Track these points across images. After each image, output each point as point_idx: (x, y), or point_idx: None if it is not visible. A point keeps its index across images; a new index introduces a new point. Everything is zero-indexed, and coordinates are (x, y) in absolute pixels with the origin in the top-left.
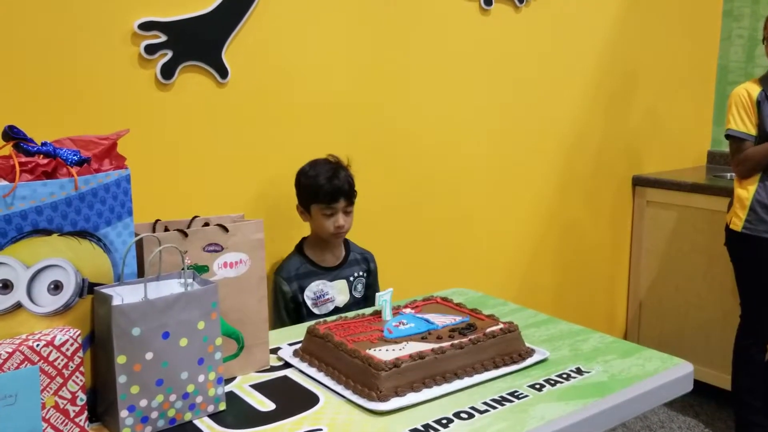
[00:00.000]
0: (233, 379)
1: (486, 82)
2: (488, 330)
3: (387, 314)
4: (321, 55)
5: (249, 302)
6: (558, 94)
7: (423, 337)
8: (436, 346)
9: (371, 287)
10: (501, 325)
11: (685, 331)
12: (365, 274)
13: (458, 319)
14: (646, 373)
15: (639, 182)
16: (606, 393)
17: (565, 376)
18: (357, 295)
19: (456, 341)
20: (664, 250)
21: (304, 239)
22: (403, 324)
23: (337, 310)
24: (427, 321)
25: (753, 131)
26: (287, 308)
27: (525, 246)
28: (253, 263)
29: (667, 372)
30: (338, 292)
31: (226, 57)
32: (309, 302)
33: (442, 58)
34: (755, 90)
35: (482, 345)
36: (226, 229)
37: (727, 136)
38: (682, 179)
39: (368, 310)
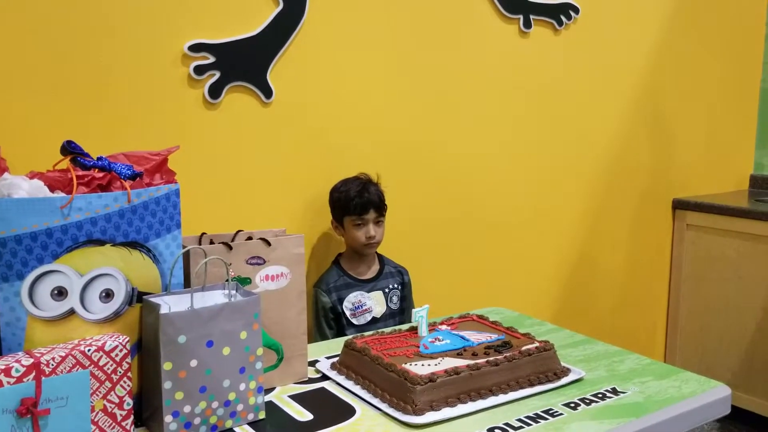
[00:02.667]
0: (272, 389)
1: (525, 104)
2: (524, 348)
3: (423, 330)
4: (361, 77)
5: (289, 315)
6: (598, 116)
7: (458, 354)
8: (471, 362)
9: (406, 299)
10: (537, 344)
11: (726, 357)
12: (400, 287)
13: (494, 336)
14: (682, 395)
15: (679, 205)
16: (641, 414)
17: (600, 395)
18: (393, 306)
19: (491, 358)
20: (705, 274)
21: (340, 254)
22: (439, 340)
23: (374, 321)
24: (463, 338)
25: None
26: (327, 318)
27: (563, 267)
28: (294, 277)
29: (704, 395)
30: (376, 303)
31: (270, 78)
32: (348, 312)
33: (481, 81)
34: None
35: (518, 363)
36: (268, 243)
37: None
38: (724, 203)
39: (405, 326)
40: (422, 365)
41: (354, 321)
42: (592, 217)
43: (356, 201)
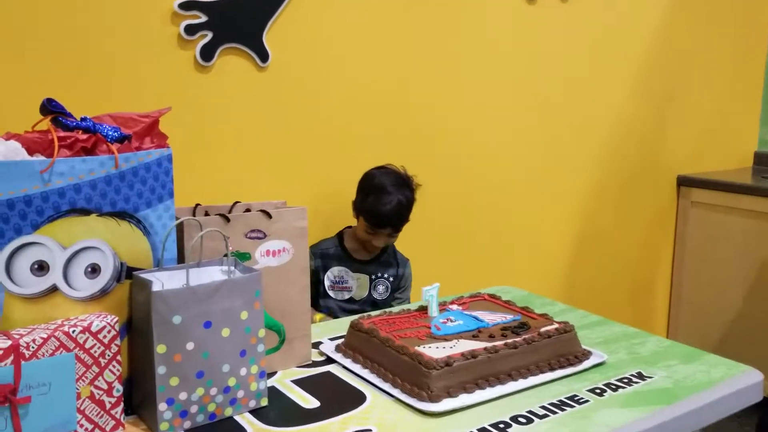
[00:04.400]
0: (274, 373)
1: (529, 77)
2: (543, 330)
3: (434, 310)
4: (363, 39)
5: (291, 293)
6: (602, 91)
7: (474, 335)
8: (489, 344)
9: (400, 292)
10: (556, 325)
11: (729, 335)
12: (392, 279)
13: (509, 317)
14: (712, 380)
15: (684, 182)
16: (672, 400)
17: (626, 380)
18: (376, 295)
19: (509, 340)
20: (709, 251)
21: (349, 227)
22: (451, 321)
23: (351, 301)
24: (476, 318)
25: None
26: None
27: (567, 245)
28: (296, 252)
29: (735, 380)
30: (357, 285)
31: (266, 40)
32: (327, 283)
33: (486, 51)
34: None
35: (537, 345)
36: (269, 216)
37: None
38: (728, 180)
39: (413, 305)
40: (436, 348)
41: (331, 293)
42: (596, 194)
43: (378, 216)
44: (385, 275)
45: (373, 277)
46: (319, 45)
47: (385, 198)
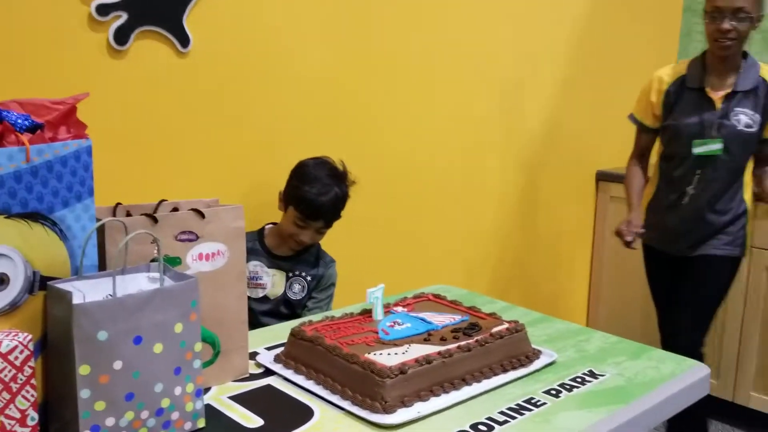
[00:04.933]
0: (208, 390)
1: (459, 76)
2: (494, 330)
3: (379, 313)
4: (295, 27)
5: (227, 300)
6: (527, 90)
7: (425, 339)
8: (442, 348)
9: (317, 291)
10: (506, 325)
11: (648, 327)
12: (311, 278)
13: (457, 317)
14: (663, 376)
15: (603, 177)
16: (629, 399)
17: (579, 380)
18: (292, 295)
19: (462, 343)
20: None
21: (273, 223)
22: (398, 324)
23: (265, 300)
24: (424, 320)
25: (650, 122)
26: None
27: (495, 241)
28: (232, 255)
29: (684, 375)
30: (272, 282)
31: (187, 23)
32: None
33: (418, 48)
34: (674, 76)
35: (490, 347)
36: (202, 215)
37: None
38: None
39: (356, 308)
40: (388, 354)
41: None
42: (521, 189)
43: (310, 206)
44: (303, 274)
45: (290, 274)
46: (246, 29)
47: (321, 188)
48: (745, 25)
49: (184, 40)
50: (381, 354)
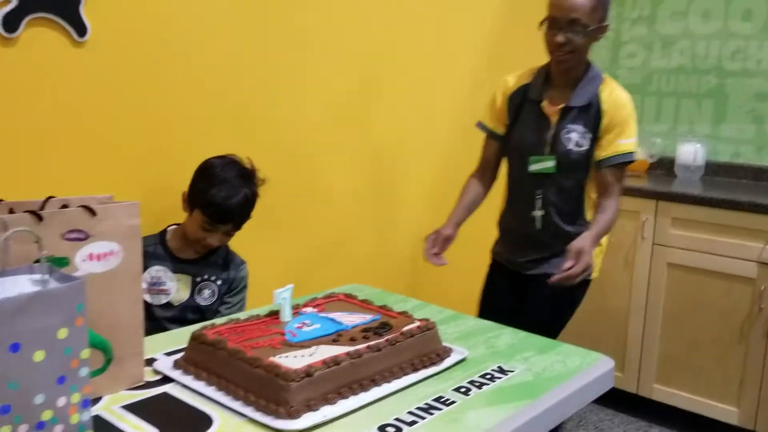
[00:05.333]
0: (98, 399)
1: (376, 70)
2: (405, 329)
3: (287, 314)
4: (203, 17)
5: (121, 304)
6: (441, 85)
7: (333, 340)
8: (351, 349)
9: (229, 296)
10: (417, 323)
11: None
12: (221, 282)
13: (368, 317)
14: (569, 370)
15: None
16: (537, 394)
17: (488, 376)
18: (201, 301)
19: (372, 343)
20: None
21: (176, 224)
22: (307, 325)
23: (169, 306)
24: (334, 321)
25: (501, 130)
26: None
27: (409, 239)
28: (127, 255)
29: (591, 369)
30: (177, 287)
31: (85, 11)
32: (143, 285)
33: (332, 41)
34: (518, 83)
35: (401, 346)
36: (93, 213)
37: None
38: None
39: (263, 310)
40: (294, 357)
41: (146, 297)
42: (436, 188)
43: (219, 209)
44: (213, 278)
45: (198, 279)
46: (148, 18)
47: (230, 190)
48: (582, 38)
49: (81, 29)
50: (287, 357)
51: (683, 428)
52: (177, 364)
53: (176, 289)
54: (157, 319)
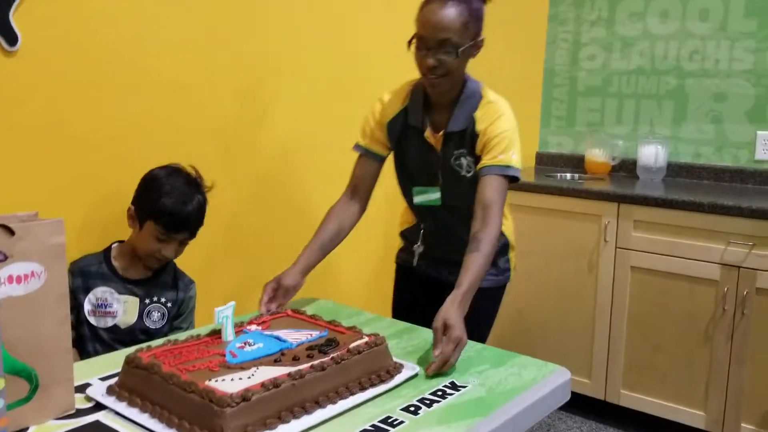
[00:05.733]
0: (24, 430)
1: (305, 77)
2: (352, 345)
3: (229, 333)
4: (138, 24)
5: (45, 327)
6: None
7: (276, 360)
8: (293, 369)
9: (179, 320)
10: (366, 339)
11: (503, 328)
12: (170, 304)
13: (315, 334)
14: (524, 383)
15: None
16: (489, 410)
17: (440, 393)
18: (149, 324)
19: (316, 362)
20: None
21: (119, 242)
22: (250, 344)
23: (116, 330)
24: (278, 339)
25: (380, 149)
26: None
27: (362, 247)
28: (51, 276)
29: (546, 381)
30: (124, 309)
31: (14, 19)
32: (87, 307)
33: (280, 46)
34: (397, 107)
35: (347, 364)
36: (11, 232)
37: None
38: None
39: (204, 330)
40: (231, 380)
41: (91, 319)
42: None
43: (173, 216)
44: (162, 299)
45: (147, 301)
46: (83, 27)
47: (182, 197)
48: (455, 59)
49: (12, 38)
50: (224, 380)
51: None
52: (111, 390)
53: (123, 311)
54: (105, 341)
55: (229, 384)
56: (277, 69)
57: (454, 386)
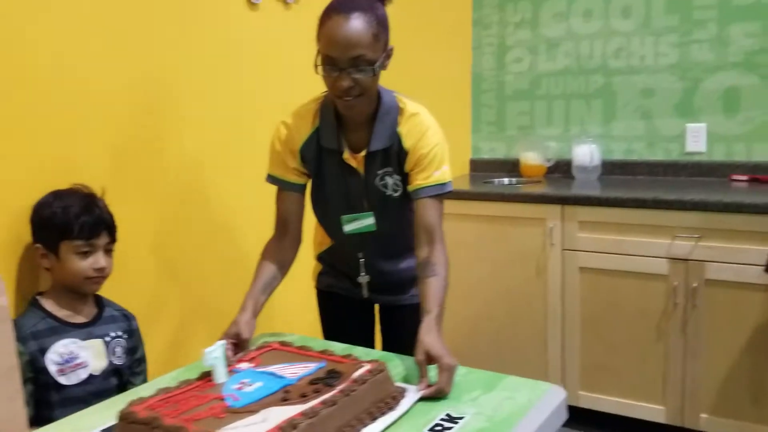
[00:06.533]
0: None
1: (256, 88)
2: (356, 375)
3: (221, 375)
4: (34, 30)
5: None
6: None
7: (283, 399)
8: (305, 407)
9: (136, 351)
10: (367, 366)
11: (479, 342)
12: (125, 335)
13: (312, 366)
14: (520, 408)
15: None
16: None
17: (439, 429)
18: (117, 361)
19: (326, 396)
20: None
21: (39, 293)
22: (247, 384)
23: (90, 379)
24: (275, 375)
25: (295, 178)
26: (24, 380)
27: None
28: None
29: (542, 402)
30: (93, 355)
31: None
32: (54, 368)
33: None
34: (306, 131)
35: (356, 395)
36: None
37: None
38: (456, 188)
39: (192, 372)
40: (245, 426)
41: (62, 380)
42: None
43: (84, 220)
44: (119, 333)
45: (107, 339)
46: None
47: (80, 201)
48: (369, 76)
49: None
50: (236, 428)
51: None
52: None
53: (92, 356)
54: (78, 400)
55: (245, 431)
56: (180, 80)
57: (451, 418)
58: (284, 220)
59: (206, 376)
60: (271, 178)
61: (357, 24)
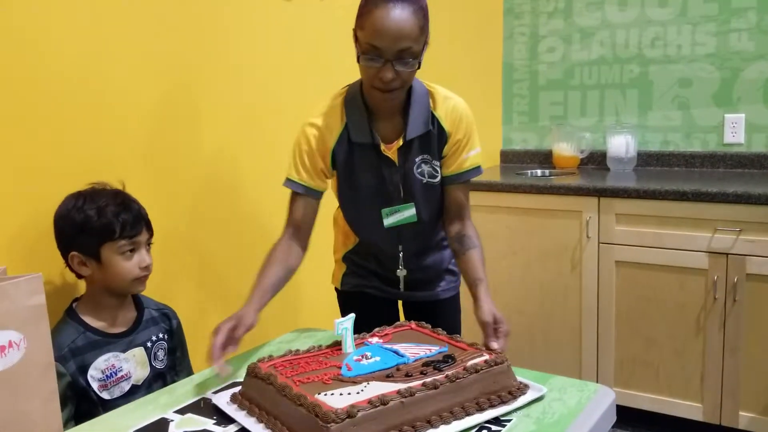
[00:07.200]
0: None
1: (290, 80)
2: (470, 363)
3: (348, 345)
4: (70, 21)
5: (29, 406)
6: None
7: (388, 375)
8: (403, 386)
9: (178, 350)
10: (486, 356)
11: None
12: (166, 336)
13: (434, 349)
14: (570, 410)
15: None
16: None
17: None
18: (158, 365)
19: (429, 379)
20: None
21: (76, 301)
22: (367, 358)
23: (134, 390)
24: (397, 353)
25: (314, 184)
26: (65, 399)
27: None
28: (32, 344)
29: (593, 404)
30: (135, 365)
31: None
32: (96, 385)
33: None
34: (334, 130)
35: (462, 383)
36: None
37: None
38: (486, 179)
39: (327, 340)
40: (341, 394)
41: (105, 395)
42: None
43: (124, 218)
44: (160, 335)
45: (149, 344)
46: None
47: (116, 198)
48: (412, 69)
49: None
50: (333, 394)
51: (649, 430)
52: (234, 398)
53: (134, 366)
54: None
55: (338, 399)
56: (201, 75)
57: (498, 421)
58: (298, 227)
59: (337, 345)
60: (292, 183)
61: (406, 15)
